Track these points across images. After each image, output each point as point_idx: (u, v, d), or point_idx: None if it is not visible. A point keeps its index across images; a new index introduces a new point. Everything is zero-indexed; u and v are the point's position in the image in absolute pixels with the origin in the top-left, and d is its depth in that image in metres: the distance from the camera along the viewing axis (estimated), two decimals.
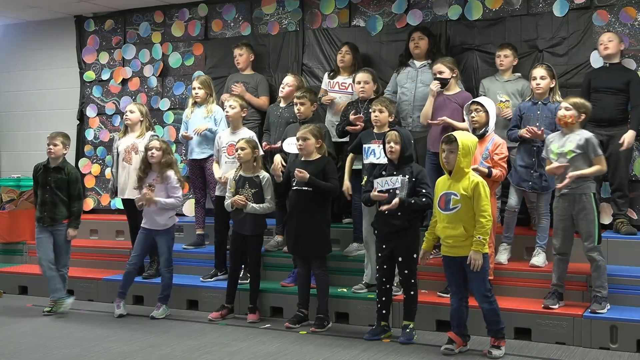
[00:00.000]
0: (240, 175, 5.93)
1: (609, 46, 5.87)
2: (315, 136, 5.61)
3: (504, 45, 6.23)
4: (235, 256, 6.03)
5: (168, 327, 5.79)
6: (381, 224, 5.26)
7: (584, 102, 5.21)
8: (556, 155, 5.16)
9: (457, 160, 4.71)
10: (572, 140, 5.12)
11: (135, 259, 6.16)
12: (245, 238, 5.94)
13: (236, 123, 6.41)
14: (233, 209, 5.90)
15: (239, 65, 7.30)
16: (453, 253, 4.81)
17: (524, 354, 4.91)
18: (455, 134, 4.78)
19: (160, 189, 6.01)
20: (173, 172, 6.06)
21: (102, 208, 8.52)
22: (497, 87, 6.16)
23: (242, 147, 5.86)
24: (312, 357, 4.90)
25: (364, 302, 5.73)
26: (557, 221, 5.24)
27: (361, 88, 6.12)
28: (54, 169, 6.30)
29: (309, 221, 5.58)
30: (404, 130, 5.41)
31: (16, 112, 9.09)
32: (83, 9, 8.37)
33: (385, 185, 5.22)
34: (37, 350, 5.15)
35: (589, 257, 5.12)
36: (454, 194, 4.74)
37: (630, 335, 4.93)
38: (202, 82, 6.90)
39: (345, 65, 6.73)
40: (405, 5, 6.97)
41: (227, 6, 7.82)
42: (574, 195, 5.11)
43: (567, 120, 5.13)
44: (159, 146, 6.00)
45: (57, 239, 6.32)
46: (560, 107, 5.22)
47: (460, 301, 4.87)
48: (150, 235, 6.10)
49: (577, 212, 5.11)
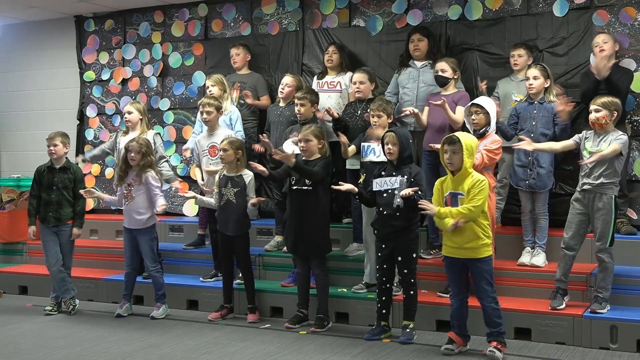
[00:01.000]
0: (224, 175, 5.94)
1: (605, 47, 5.86)
2: (317, 137, 5.61)
3: (518, 45, 6.21)
4: (225, 256, 6.03)
5: (168, 327, 5.79)
6: (381, 225, 5.26)
7: (613, 100, 5.14)
8: (589, 153, 5.11)
9: (462, 161, 4.69)
10: (607, 141, 5.07)
11: (128, 260, 6.17)
12: (230, 239, 5.94)
13: (213, 125, 6.39)
14: (221, 204, 5.90)
15: (235, 65, 7.30)
16: (457, 254, 4.79)
17: (524, 354, 4.91)
18: (458, 135, 4.77)
19: (138, 189, 6.04)
20: (152, 172, 6.08)
21: (102, 208, 8.50)
22: (512, 87, 6.14)
23: (225, 149, 5.86)
24: (312, 357, 4.90)
25: (364, 302, 5.73)
26: (572, 215, 5.20)
27: (357, 88, 6.13)
28: (60, 169, 6.33)
29: (308, 220, 5.58)
30: (401, 130, 5.41)
31: (16, 112, 9.10)
32: (83, 9, 8.37)
33: (384, 185, 5.23)
34: (37, 350, 5.15)
35: (599, 257, 5.11)
36: (461, 194, 4.72)
37: (630, 335, 4.93)
38: (215, 80, 6.79)
39: (333, 65, 6.77)
40: (405, 5, 6.97)
41: (227, 6, 7.82)
42: (595, 193, 5.08)
43: (601, 122, 5.08)
44: (138, 149, 6.01)
45: (62, 239, 6.33)
46: (590, 111, 5.14)
47: (461, 302, 4.86)
48: (133, 235, 6.11)
49: (596, 211, 5.09)
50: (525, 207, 5.79)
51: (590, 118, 5.16)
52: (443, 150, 4.78)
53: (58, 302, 6.37)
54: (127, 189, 6.07)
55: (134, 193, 6.03)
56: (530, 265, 5.65)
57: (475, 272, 4.75)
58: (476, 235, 4.70)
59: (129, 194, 6.06)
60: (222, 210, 5.92)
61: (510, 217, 6.19)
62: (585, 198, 5.14)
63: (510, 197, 6.14)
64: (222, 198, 5.91)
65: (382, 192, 5.22)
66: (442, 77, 5.97)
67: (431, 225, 5.99)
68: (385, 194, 5.21)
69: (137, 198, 6.03)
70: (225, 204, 5.89)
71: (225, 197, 5.88)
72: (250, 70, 7.35)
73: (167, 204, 6.15)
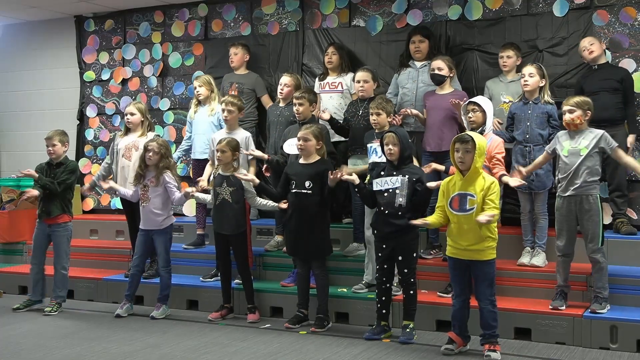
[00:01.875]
0: (219, 174, 5.94)
1: (593, 49, 5.90)
2: (317, 137, 5.61)
3: (507, 46, 6.22)
4: (222, 256, 6.03)
5: (168, 327, 5.79)
6: (382, 224, 5.26)
7: (584, 99, 5.17)
8: (567, 152, 5.12)
9: (473, 161, 4.67)
10: (587, 137, 5.09)
11: (137, 260, 6.17)
12: (227, 238, 5.94)
13: (232, 124, 6.38)
14: (217, 203, 5.89)
15: (233, 64, 7.30)
16: (462, 256, 4.77)
17: (524, 354, 4.91)
18: (470, 134, 4.75)
19: (155, 191, 6.03)
20: (170, 174, 6.07)
21: (102, 208, 8.53)
22: (501, 88, 6.15)
23: (223, 150, 5.84)
24: (312, 357, 4.90)
25: (364, 302, 5.72)
26: (560, 222, 5.19)
27: (360, 87, 6.13)
28: (57, 164, 6.34)
29: (308, 224, 5.58)
30: (401, 130, 5.41)
31: (16, 112, 9.10)
32: (83, 9, 8.37)
33: (384, 185, 5.23)
34: (37, 350, 5.15)
35: (592, 258, 5.11)
36: (471, 195, 4.69)
37: (630, 335, 4.93)
38: (202, 81, 6.92)
39: (334, 66, 6.78)
40: (405, 5, 6.97)
41: (227, 6, 7.83)
42: (580, 196, 5.08)
43: (575, 122, 5.09)
44: (157, 150, 6.00)
45: (55, 239, 6.33)
46: (564, 112, 5.16)
47: (463, 303, 4.85)
48: (149, 236, 6.10)
49: (583, 213, 5.09)
50: (525, 207, 5.79)
51: (564, 119, 5.17)
52: (454, 149, 4.75)
53: (59, 302, 6.36)
54: (143, 190, 6.06)
55: (150, 194, 6.02)
56: (530, 265, 5.65)
57: (478, 273, 4.74)
58: (482, 237, 4.69)
59: (145, 195, 6.06)
60: (217, 209, 5.92)
61: (510, 217, 6.18)
62: (570, 203, 5.13)
63: (509, 197, 6.12)
64: (217, 197, 5.90)
65: (383, 192, 5.22)
66: (438, 75, 5.96)
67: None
68: (386, 193, 5.20)
69: (153, 199, 6.03)
70: (221, 203, 5.88)
71: (221, 196, 5.88)
72: (248, 70, 7.36)
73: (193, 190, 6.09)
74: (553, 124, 5.62)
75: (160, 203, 6.05)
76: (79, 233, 7.67)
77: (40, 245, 6.40)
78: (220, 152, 5.87)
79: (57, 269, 6.33)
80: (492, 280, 4.76)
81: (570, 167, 5.09)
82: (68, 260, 6.41)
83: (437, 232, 5.97)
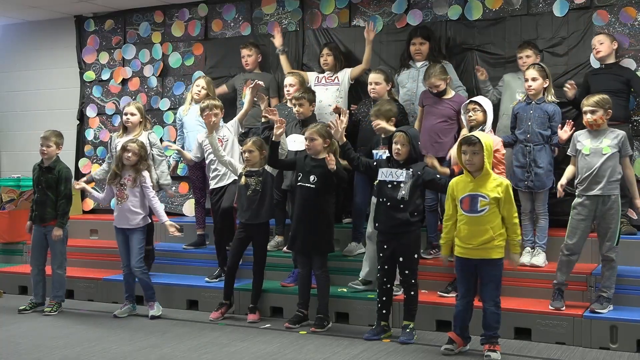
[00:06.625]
0: (248, 170, 5.93)
1: (600, 48, 5.90)
2: (323, 136, 5.59)
3: (524, 46, 6.16)
4: (236, 251, 6.01)
5: (168, 327, 5.79)
6: (384, 217, 5.22)
7: (604, 97, 5.15)
8: (589, 151, 5.11)
9: (484, 162, 4.64)
10: (608, 137, 5.09)
11: (125, 261, 6.16)
12: (248, 229, 5.89)
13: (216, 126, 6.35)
14: (248, 194, 5.85)
15: (248, 67, 7.30)
16: (471, 255, 4.73)
17: (524, 354, 4.91)
18: (477, 135, 4.73)
19: (131, 191, 6.05)
20: (147, 175, 6.11)
21: (102, 208, 8.49)
22: (518, 86, 6.09)
23: (250, 150, 5.86)
24: (312, 357, 4.90)
25: (364, 302, 5.72)
26: (577, 221, 5.15)
27: (372, 88, 6.15)
28: (46, 168, 6.32)
29: (311, 218, 5.58)
30: (412, 130, 5.38)
31: (16, 112, 9.10)
32: (83, 9, 8.37)
33: (389, 176, 5.20)
34: (37, 350, 5.15)
35: (607, 257, 5.10)
36: (482, 196, 4.66)
37: (630, 335, 4.93)
38: (208, 82, 6.98)
39: (330, 67, 6.81)
40: (405, 5, 6.97)
41: (227, 6, 7.82)
42: (603, 196, 5.08)
43: (598, 122, 5.09)
44: (137, 151, 6.03)
45: (51, 240, 6.32)
46: (585, 112, 5.13)
47: (467, 304, 4.83)
48: (125, 234, 6.12)
49: (605, 212, 5.08)
50: (525, 207, 5.79)
51: (586, 119, 5.15)
52: (461, 152, 4.72)
53: (58, 302, 6.36)
54: (119, 189, 6.07)
55: (128, 192, 6.04)
56: (530, 265, 5.65)
57: (485, 274, 4.72)
58: (492, 237, 4.66)
59: (122, 193, 6.06)
60: (248, 198, 5.86)
61: None
62: (592, 203, 5.11)
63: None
64: (248, 187, 5.89)
65: (387, 183, 5.20)
66: (437, 92, 5.98)
67: (430, 224, 5.99)
68: (390, 185, 5.18)
69: (131, 197, 6.04)
70: (253, 192, 5.86)
71: (252, 187, 5.86)
72: (261, 71, 7.37)
73: (178, 227, 6.12)
74: (552, 125, 5.62)
75: (138, 202, 6.06)
76: (79, 233, 7.69)
77: (39, 247, 6.39)
78: (248, 153, 5.87)
79: (54, 270, 6.34)
80: (498, 283, 4.75)
81: (592, 166, 5.08)
82: (64, 261, 6.39)
83: (436, 232, 5.96)
